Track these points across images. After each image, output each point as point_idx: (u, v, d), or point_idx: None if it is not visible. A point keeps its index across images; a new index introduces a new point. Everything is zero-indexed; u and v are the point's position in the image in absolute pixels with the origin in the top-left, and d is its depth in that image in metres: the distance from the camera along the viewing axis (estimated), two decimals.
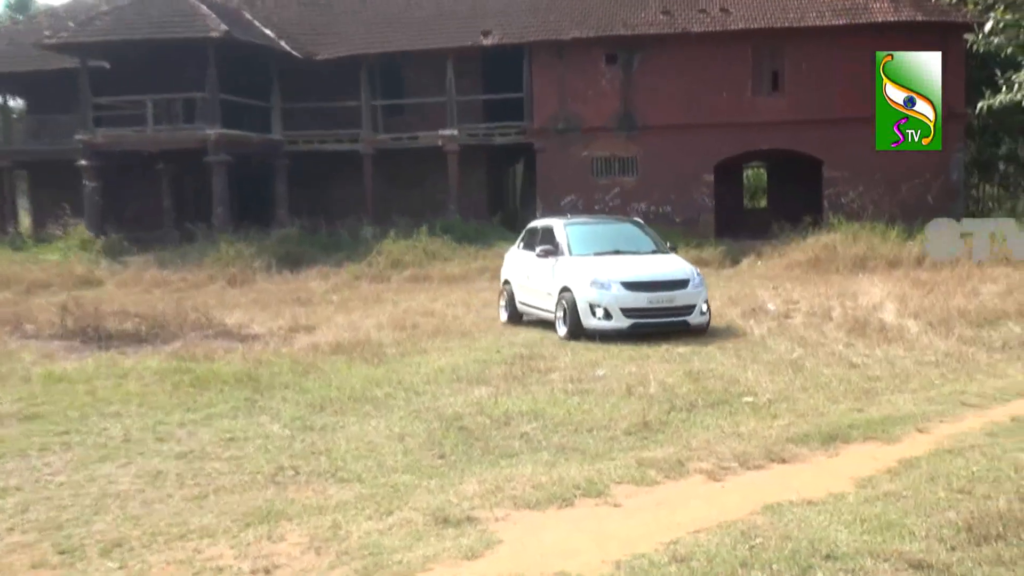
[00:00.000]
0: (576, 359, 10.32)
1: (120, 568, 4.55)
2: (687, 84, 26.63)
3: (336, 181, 29.91)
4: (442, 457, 6.49)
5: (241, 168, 27.71)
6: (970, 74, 24.91)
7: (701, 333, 11.94)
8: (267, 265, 21.64)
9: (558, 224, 13.63)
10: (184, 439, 7.05)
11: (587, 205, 26.85)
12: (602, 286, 11.87)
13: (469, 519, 5.10)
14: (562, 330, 12.14)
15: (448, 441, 6.84)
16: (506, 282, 14.46)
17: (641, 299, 11.84)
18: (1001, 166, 30.41)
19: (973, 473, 5.70)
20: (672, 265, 12.69)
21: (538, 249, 13.24)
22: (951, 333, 11.11)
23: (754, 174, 38.68)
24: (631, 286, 11.90)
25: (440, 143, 28.22)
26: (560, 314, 12.27)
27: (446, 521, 5.05)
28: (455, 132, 28.15)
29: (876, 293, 14.35)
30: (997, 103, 18.21)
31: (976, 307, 12.64)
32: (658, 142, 26.92)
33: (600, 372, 9.46)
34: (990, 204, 30.52)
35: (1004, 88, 18.11)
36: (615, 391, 8.43)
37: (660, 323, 11.85)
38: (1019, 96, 17.83)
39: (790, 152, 27.11)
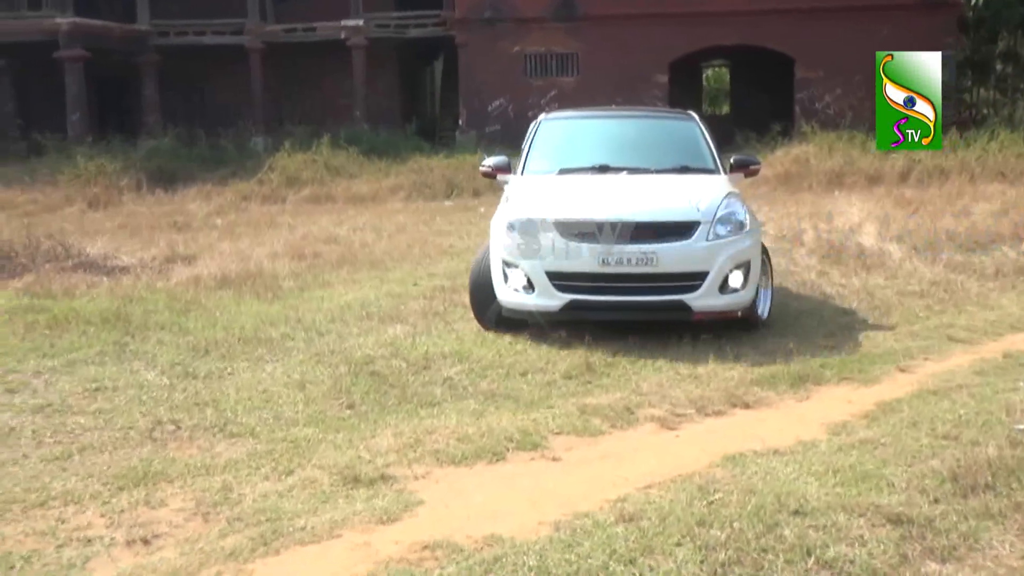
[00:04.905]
0: None
1: None
2: None
3: (217, 82, 29.38)
4: (350, 407, 6.51)
5: (100, 66, 27.02)
6: None
7: (755, 328, 8.45)
8: (136, 183, 21.24)
9: (537, 121, 10.19)
10: (41, 390, 6.96)
11: (518, 110, 26.81)
12: (523, 230, 8.18)
13: (383, 478, 5.14)
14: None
15: (357, 388, 6.85)
16: None
17: (586, 256, 7.93)
18: (998, 66, 30.93)
19: (960, 417, 5.90)
20: (682, 195, 8.54)
21: (484, 163, 9.78)
22: (938, 259, 11.41)
23: (715, 75, 39.00)
24: (570, 230, 8.03)
25: (343, 36, 27.83)
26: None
27: (356, 480, 5.08)
28: (361, 23, 27.76)
29: (854, 213, 14.63)
30: None
31: (967, 229, 12.97)
32: (603, 35, 26.89)
33: None
34: (985, 110, 31.16)
35: None
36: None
37: (624, 304, 8.04)
38: None
39: (757, 48, 27.29)
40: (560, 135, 10.09)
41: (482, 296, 8.56)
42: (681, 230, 7.99)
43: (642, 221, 7.97)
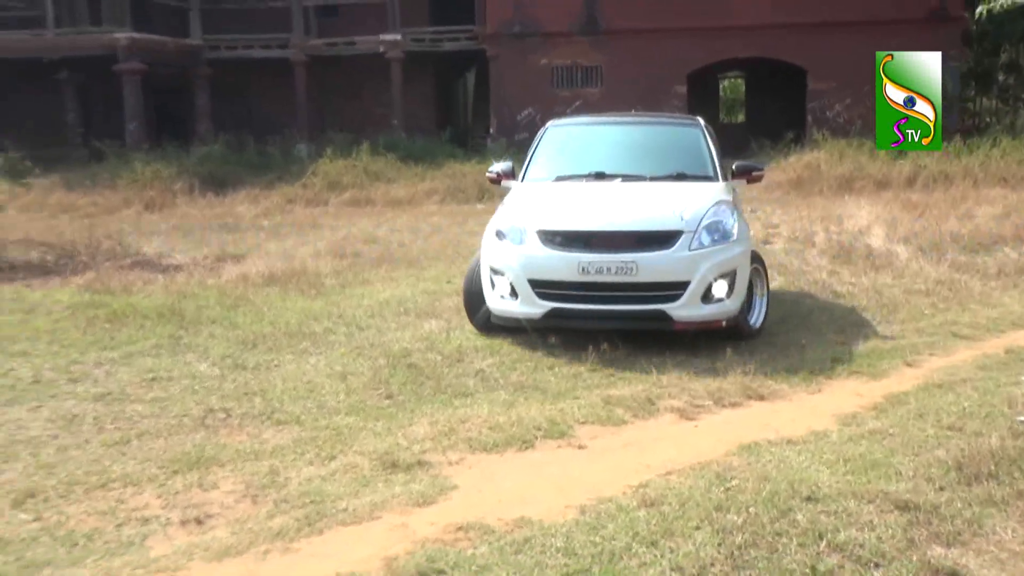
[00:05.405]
0: None
1: (35, 520, 4.56)
2: None
3: (264, 93, 29.52)
4: (389, 397, 6.54)
5: (156, 77, 27.19)
6: None
7: (749, 337, 7.95)
8: (189, 187, 21.33)
9: (544, 127, 9.87)
10: (101, 379, 7.02)
11: (545, 119, 26.54)
12: (509, 238, 7.88)
13: (420, 463, 5.17)
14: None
15: (395, 380, 6.88)
16: None
17: (567, 264, 7.47)
18: (1000, 77, 30.62)
19: (964, 409, 5.86)
20: (667, 203, 7.90)
21: (490, 169, 9.49)
22: (943, 259, 11.32)
23: (731, 85, 38.82)
24: (553, 239, 7.65)
25: (381, 49, 27.87)
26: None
27: (395, 466, 5.11)
28: (398, 37, 27.80)
29: (863, 216, 14.52)
30: (999, 6, 18.19)
31: (970, 231, 12.86)
32: (625, 49, 26.81)
33: None
34: (988, 119, 30.86)
35: None
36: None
37: (604, 312, 7.53)
38: None
39: (771, 60, 27.14)
40: (564, 142, 9.63)
41: (473, 300, 8.29)
42: (662, 239, 7.48)
43: (621, 231, 7.59)
